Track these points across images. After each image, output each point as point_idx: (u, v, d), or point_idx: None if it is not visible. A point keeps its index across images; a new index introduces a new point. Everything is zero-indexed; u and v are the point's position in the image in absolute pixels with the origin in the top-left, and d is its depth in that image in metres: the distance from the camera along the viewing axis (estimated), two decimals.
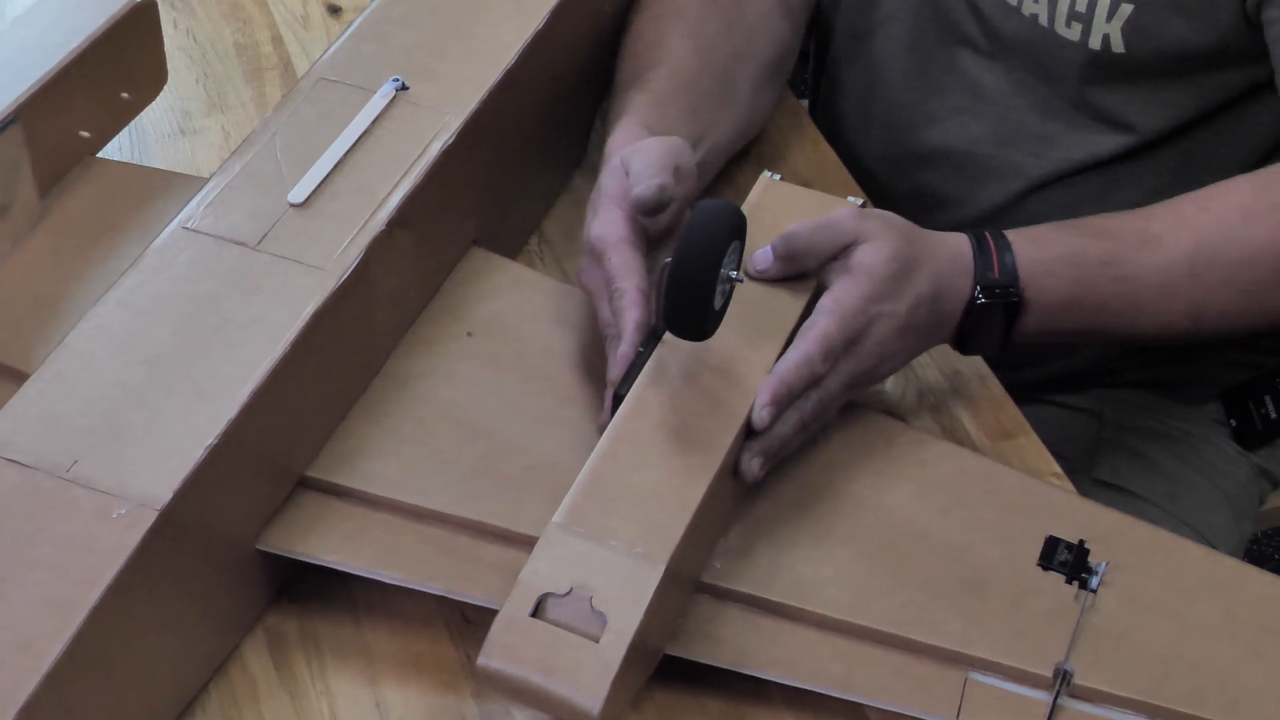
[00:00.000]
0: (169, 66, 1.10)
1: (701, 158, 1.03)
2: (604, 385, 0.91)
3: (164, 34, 1.08)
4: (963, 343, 0.96)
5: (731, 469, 0.86)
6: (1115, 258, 0.95)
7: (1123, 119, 1.12)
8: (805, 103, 1.31)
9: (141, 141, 1.18)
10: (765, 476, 0.88)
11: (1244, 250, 0.96)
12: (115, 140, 1.09)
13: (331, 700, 0.86)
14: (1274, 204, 0.98)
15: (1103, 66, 1.09)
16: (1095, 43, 1.07)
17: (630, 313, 0.88)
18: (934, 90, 1.19)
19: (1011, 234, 0.95)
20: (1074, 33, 1.08)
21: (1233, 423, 1.24)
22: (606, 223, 0.91)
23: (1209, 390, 1.25)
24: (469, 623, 0.88)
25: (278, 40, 1.28)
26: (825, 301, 0.89)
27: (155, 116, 1.20)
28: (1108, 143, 1.13)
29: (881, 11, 1.20)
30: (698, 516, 0.82)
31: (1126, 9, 1.05)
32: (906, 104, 1.21)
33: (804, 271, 0.91)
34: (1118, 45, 1.07)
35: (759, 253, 0.90)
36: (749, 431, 0.86)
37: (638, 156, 0.93)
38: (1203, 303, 0.97)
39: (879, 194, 1.12)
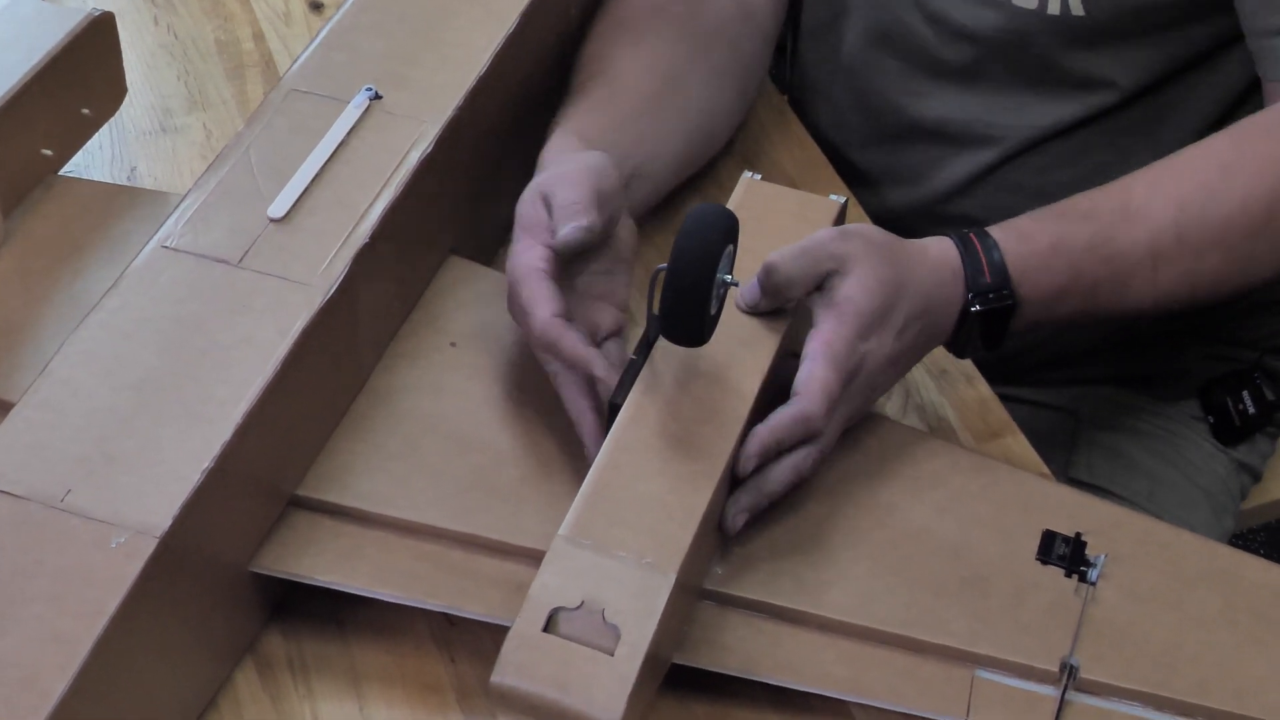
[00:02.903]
0: (150, 63, 1.09)
1: (640, 164, 1.02)
2: None
3: (146, 30, 1.07)
4: (955, 346, 0.95)
5: (730, 477, 0.85)
6: (1101, 238, 0.94)
7: (1088, 83, 1.12)
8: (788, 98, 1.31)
9: (122, 139, 1.17)
10: None
11: (1229, 205, 0.95)
12: (96, 138, 1.08)
13: (314, 704, 0.85)
14: (1252, 154, 0.97)
15: (1063, 31, 1.08)
16: (1054, 8, 1.07)
17: (565, 340, 0.86)
18: (897, 74, 1.19)
19: (996, 231, 0.94)
20: (1030, 1, 1.08)
21: (1210, 419, 1.24)
22: (520, 253, 0.89)
23: (1186, 386, 1.25)
24: (452, 625, 0.88)
25: (259, 37, 1.26)
26: (814, 346, 0.86)
27: (136, 114, 1.18)
28: (1075, 107, 1.13)
29: (838, 6, 1.20)
30: (703, 524, 0.81)
31: None
32: (872, 90, 1.21)
33: (791, 300, 0.89)
34: (1077, 8, 1.07)
35: (746, 288, 0.88)
36: (733, 482, 0.85)
37: (559, 189, 0.90)
38: (1196, 266, 0.96)
39: (857, 175, 1.11)
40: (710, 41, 1.11)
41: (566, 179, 0.91)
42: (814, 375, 0.85)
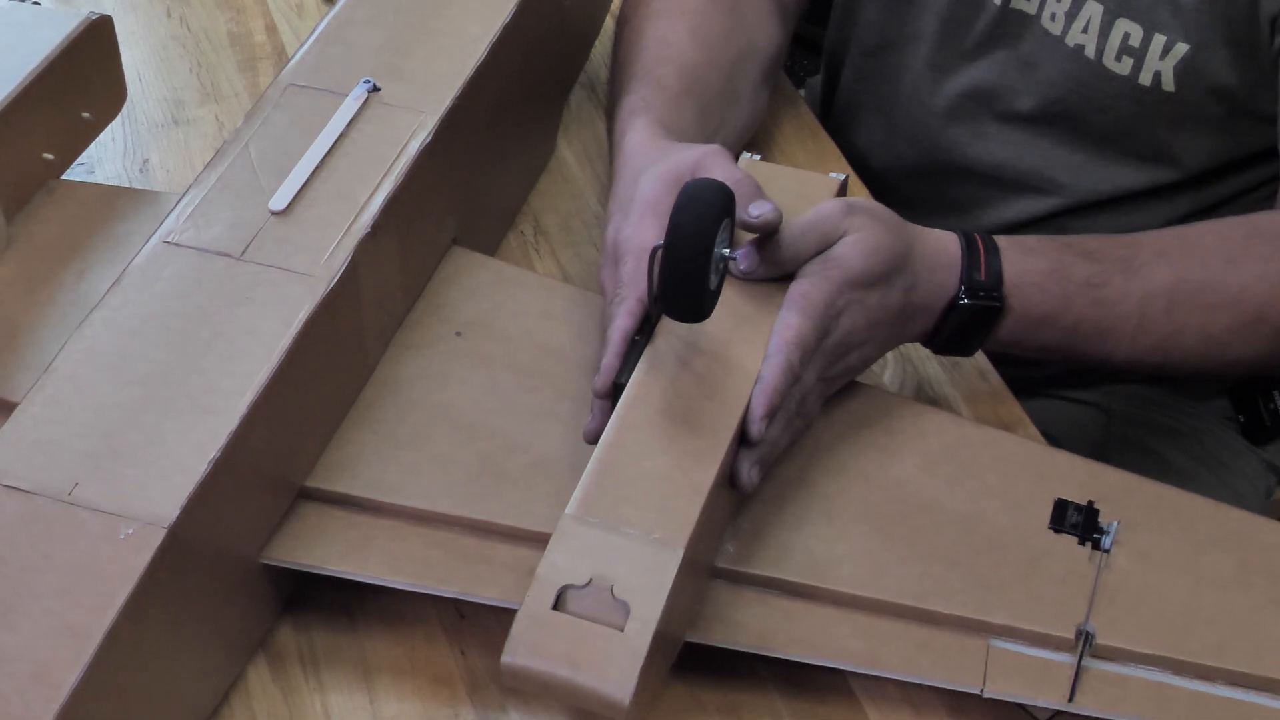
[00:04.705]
0: (163, 55, 1.09)
1: None
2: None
3: (159, 23, 1.07)
4: (936, 340, 0.95)
5: (737, 455, 0.85)
6: (1098, 280, 0.95)
7: (1155, 157, 1.12)
8: (803, 92, 1.30)
9: (135, 132, 1.17)
10: None
11: (1224, 295, 0.96)
12: (109, 131, 1.08)
13: (325, 696, 0.85)
14: (1258, 253, 0.98)
15: (1147, 103, 1.08)
16: (1146, 79, 1.07)
17: (620, 321, 0.87)
18: (959, 112, 1.18)
19: (1001, 240, 0.94)
20: (1124, 67, 1.07)
21: (1241, 418, 1.25)
22: (640, 228, 0.90)
23: (1216, 386, 1.26)
24: (463, 618, 0.88)
25: (272, 29, 1.26)
26: (793, 294, 0.87)
27: (149, 106, 1.19)
28: (1137, 178, 1.14)
29: (904, 30, 1.20)
30: (710, 500, 0.81)
31: (1182, 48, 1.05)
32: (930, 122, 1.20)
33: (790, 272, 0.89)
34: (1168, 84, 1.06)
35: (742, 252, 0.88)
36: (742, 440, 0.85)
37: (716, 174, 0.89)
38: (1173, 340, 0.97)
39: (896, 202, 1.11)
40: (754, 34, 1.12)
41: (722, 166, 0.90)
42: (789, 325, 0.86)
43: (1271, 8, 1.01)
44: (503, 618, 0.83)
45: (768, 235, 0.87)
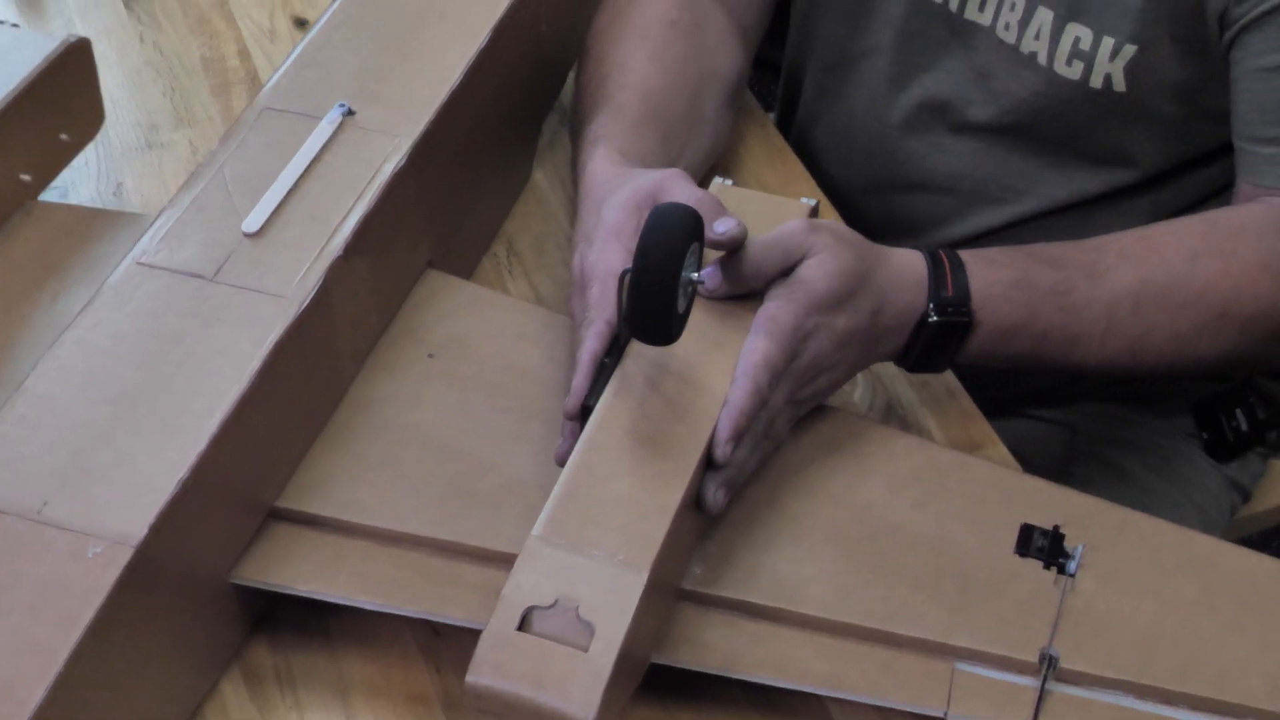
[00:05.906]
0: (136, 80, 1.10)
1: None
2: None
3: (132, 48, 1.07)
4: (906, 359, 0.96)
5: (704, 477, 0.85)
6: (1064, 287, 0.96)
7: (1112, 159, 1.13)
8: (773, 116, 1.31)
9: (108, 155, 1.18)
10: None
11: (1188, 293, 0.97)
12: (83, 155, 1.09)
13: (301, 714, 0.86)
14: (1219, 250, 0.98)
15: (1101, 106, 1.09)
16: (1097, 82, 1.08)
17: (589, 344, 0.88)
18: (916, 124, 1.19)
19: (965, 254, 0.95)
20: (1074, 72, 1.08)
21: (1204, 435, 1.25)
22: (605, 254, 0.90)
23: (1180, 403, 1.26)
24: (438, 635, 0.88)
25: (244, 54, 1.27)
26: (760, 319, 0.88)
27: (122, 131, 1.19)
28: (1094, 183, 1.15)
29: (862, 45, 1.21)
30: (676, 521, 0.81)
31: (1130, 49, 1.06)
32: (888, 136, 1.21)
33: (754, 290, 0.90)
34: (1119, 84, 1.08)
35: (707, 271, 0.89)
36: (708, 463, 0.85)
37: (676, 195, 0.91)
38: (1142, 341, 0.97)
39: (857, 220, 1.12)
40: (715, 57, 1.12)
41: (683, 188, 0.91)
42: (757, 349, 0.86)
43: (1217, 4, 1.02)
44: (478, 637, 0.84)
45: (732, 253, 0.88)
